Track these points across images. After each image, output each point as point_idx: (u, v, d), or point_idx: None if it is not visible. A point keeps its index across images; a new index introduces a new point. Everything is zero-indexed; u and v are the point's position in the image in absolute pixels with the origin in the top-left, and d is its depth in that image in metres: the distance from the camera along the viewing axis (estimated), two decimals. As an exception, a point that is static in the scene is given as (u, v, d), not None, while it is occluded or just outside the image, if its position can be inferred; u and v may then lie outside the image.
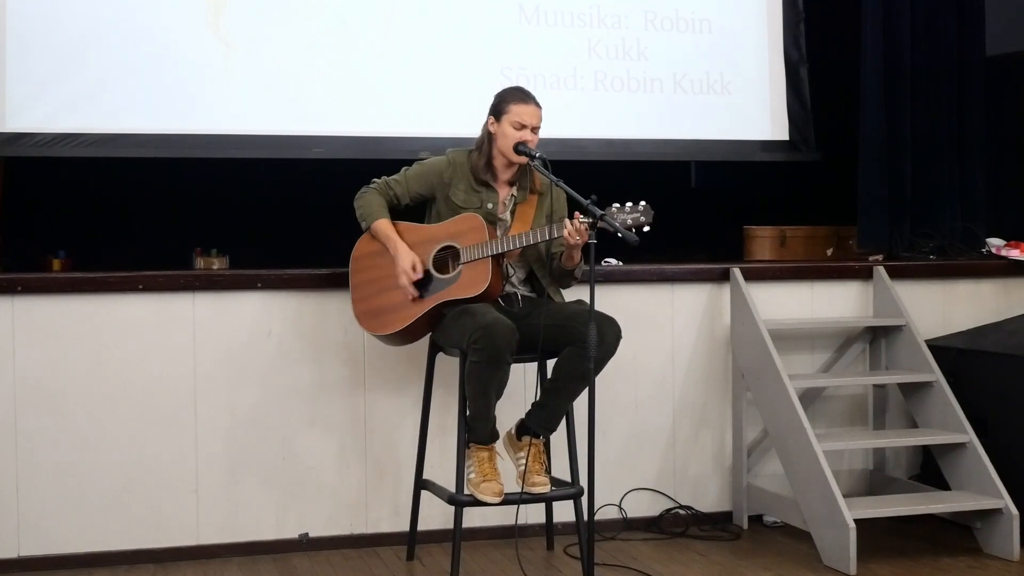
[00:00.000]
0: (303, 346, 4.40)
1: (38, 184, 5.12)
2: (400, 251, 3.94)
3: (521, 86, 4.14)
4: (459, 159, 4.05)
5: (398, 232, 3.99)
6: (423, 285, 3.94)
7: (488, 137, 4.01)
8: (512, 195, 4.05)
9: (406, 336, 4.03)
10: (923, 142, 5.42)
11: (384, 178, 4.08)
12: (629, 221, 3.73)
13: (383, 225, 3.99)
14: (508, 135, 3.95)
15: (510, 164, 4.00)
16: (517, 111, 3.95)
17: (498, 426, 3.90)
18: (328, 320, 4.40)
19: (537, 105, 3.99)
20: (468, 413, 3.85)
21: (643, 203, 3.77)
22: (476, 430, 3.84)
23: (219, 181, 5.26)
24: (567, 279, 4.03)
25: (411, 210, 4.10)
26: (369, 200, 4.03)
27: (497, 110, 3.99)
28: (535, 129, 3.96)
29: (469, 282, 3.88)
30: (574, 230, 3.75)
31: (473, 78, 5.13)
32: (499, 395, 3.83)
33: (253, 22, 4.96)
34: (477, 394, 3.79)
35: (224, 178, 5.23)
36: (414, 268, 3.91)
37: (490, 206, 4.00)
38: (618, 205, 3.76)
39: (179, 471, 4.29)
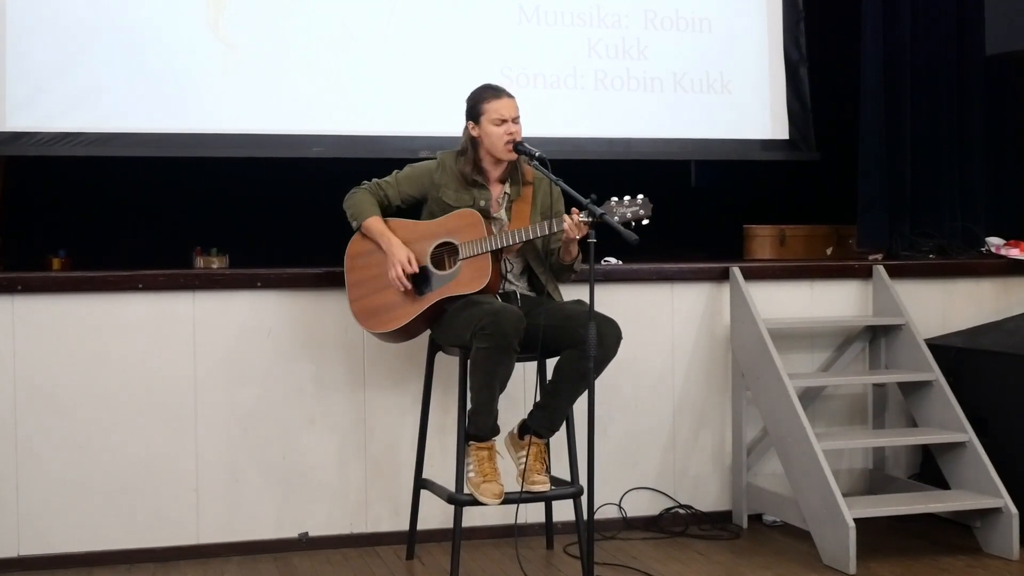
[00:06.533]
0: (303, 345, 4.40)
1: (38, 184, 5.12)
2: (394, 245, 3.93)
3: (490, 83, 4.09)
4: (449, 160, 4.05)
5: (391, 229, 3.99)
6: (422, 281, 3.94)
7: (471, 142, 4.00)
8: (505, 192, 4.05)
9: (405, 333, 4.03)
10: (923, 142, 5.42)
11: (374, 180, 4.08)
12: (628, 214, 3.73)
13: (375, 222, 3.99)
14: (492, 134, 3.94)
15: (499, 161, 4.00)
16: (494, 107, 3.95)
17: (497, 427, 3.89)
18: (328, 319, 4.41)
19: (510, 96, 3.98)
20: (470, 406, 3.84)
21: (641, 196, 3.78)
22: (477, 423, 3.83)
23: (219, 181, 5.26)
24: (566, 273, 4.03)
25: (402, 212, 4.10)
26: (360, 199, 4.03)
27: (473, 113, 3.98)
28: (515, 120, 3.95)
29: (470, 278, 3.87)
30: (573, 224, 3.75)
31: (473, 78, 5.03)
32: (503, 387, 3.82)
33: (253, 22, 4.96)
34: (481, 384, 3.77)
35: (224, 178, 5.24)
36: (409, 262, 3.91)
37: (483, 203, 4.00)
38: (616, 199, 3.77)
39: (179, 471, 4.29)
